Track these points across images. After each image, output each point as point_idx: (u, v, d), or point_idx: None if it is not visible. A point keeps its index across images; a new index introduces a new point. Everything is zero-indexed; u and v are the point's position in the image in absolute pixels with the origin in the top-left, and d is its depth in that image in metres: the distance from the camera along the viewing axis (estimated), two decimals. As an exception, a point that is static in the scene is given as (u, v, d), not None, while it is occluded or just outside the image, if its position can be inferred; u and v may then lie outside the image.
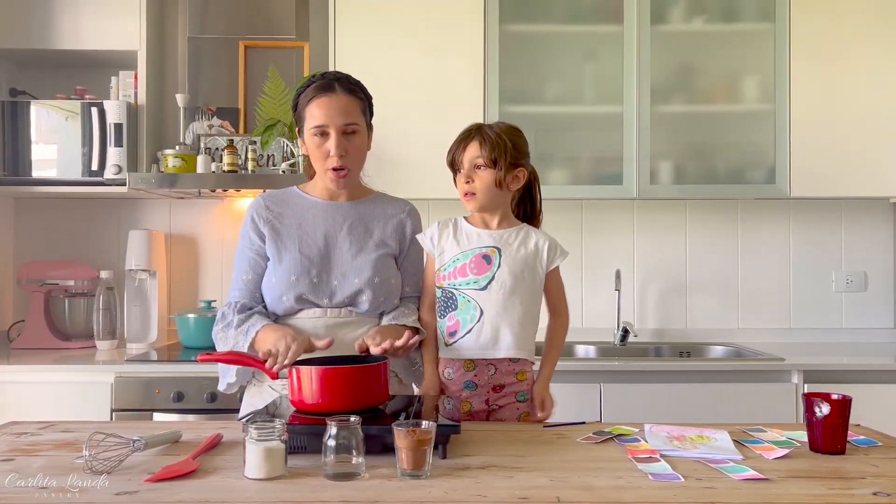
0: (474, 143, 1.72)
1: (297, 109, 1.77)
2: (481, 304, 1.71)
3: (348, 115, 1.71)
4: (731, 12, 2.86)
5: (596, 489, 1.18)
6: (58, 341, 2.88)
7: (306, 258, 1.74)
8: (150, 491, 1.16)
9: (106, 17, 2.81)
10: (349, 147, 1.73)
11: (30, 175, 2.78)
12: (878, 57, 2.79)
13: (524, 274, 1.74)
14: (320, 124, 1.70)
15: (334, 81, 1.73)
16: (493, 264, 1.72)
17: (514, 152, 1.72)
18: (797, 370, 2.51)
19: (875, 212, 3.11)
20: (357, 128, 1.73)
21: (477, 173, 1.72)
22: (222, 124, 2.88)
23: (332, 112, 1.70)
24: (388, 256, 1.80)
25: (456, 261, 1.74)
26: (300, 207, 1.80)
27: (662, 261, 3.12)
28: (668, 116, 2.84)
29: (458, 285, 1.73)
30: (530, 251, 1.75)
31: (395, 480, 1.22)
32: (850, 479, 1.24)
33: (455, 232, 1.78)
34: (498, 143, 1.71)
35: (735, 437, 1.48)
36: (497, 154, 1.70)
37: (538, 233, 1.80)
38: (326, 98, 1.70)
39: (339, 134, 1.71)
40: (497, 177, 1.71)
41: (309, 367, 1.42)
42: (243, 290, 1.77)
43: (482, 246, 1.75)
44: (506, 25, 2.82)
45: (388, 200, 1.88)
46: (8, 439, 1.48)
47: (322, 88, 1.71)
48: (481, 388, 1.73)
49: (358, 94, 1.76)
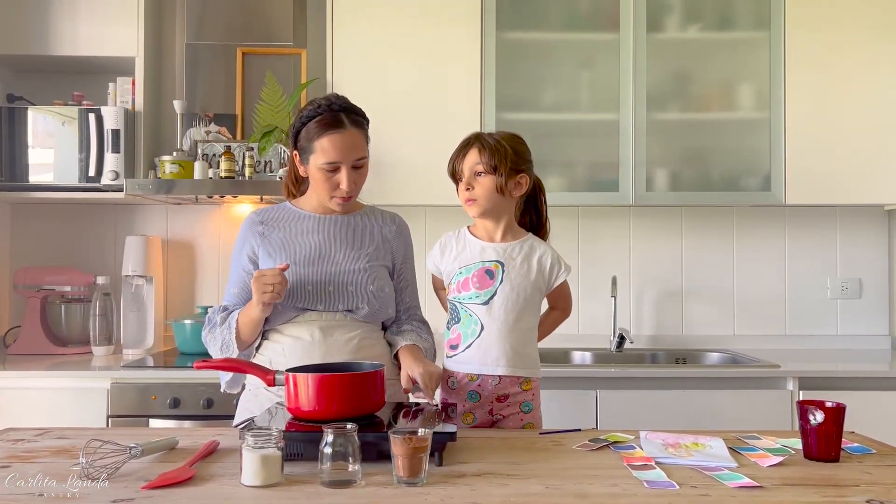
0: (473, 150, 1.73)
1: (301, 138, 1.76)
2: (482, 319, 1.72)
3: (358, 150, 1.75)
4: (726, 21, 2.88)
5: (591, 496, 1.18)
6: (54, 347, 2.88)
7: (301, 269, 1.75)
8: (147, 498, 1.17)
9: (104, 23, 2.82)
10: (357, 178, 1.77)
11: (27, 181, 2.78)
12: (872, 66, 2.81)
13: (526, 290, 1.74)
14: (332, 161, 1.72)
15: (341, 114, 1.73)
16: (495, 279, 1.73)
17: (514, 158, 1.73)
18: (792, 377, 2.52)
19: (870, 219, 3.13)
20: (364, 160, 1.77)
21: (477, 180, 1.73)
22: (220, 130, 2.88)
23: (344, 150, 1.72)
24: (381, 267, 1.83)
25: (460, 274, 1.76)
26: (294, 222, 1.83)
27: (658, 267, 3.14)
28: (663, 124, 2.85)
29: (461, 299, 1.75)
30: (533, 267, 1.75)
31: (391, 487, 1.22)
32: (844, 487, 1.24)
33: (458, 245, 1.79)
34: (497, 148, 1.71)
35: (730, 444, 1.49)
36: (497, 160, 1.71)
37: (542, 246, 1.80)
38: (339, 136, 1.72)
39: (350, 170, 1.74)
40: (498, 182, 1.71)
41: (305, 374, 1.43)
42: (232, 301, 1.82)
43: (486, 260, 1.75)
44: (503, 33, 2.83)
45: (379, 214, 1.92)
46: (4, 446, 1.48)
47: (332, 125, 1.72)
48: (485, 399, 1.73)
49: (363, 125, 1.78)
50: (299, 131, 1.76)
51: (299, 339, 1.73)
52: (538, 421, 1.79)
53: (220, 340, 1.73)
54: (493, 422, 1.75)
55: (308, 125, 1.74)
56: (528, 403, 1.75)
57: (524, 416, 1.75)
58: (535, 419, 1.78)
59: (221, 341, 1.73)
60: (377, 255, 1.83)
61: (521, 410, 1.75)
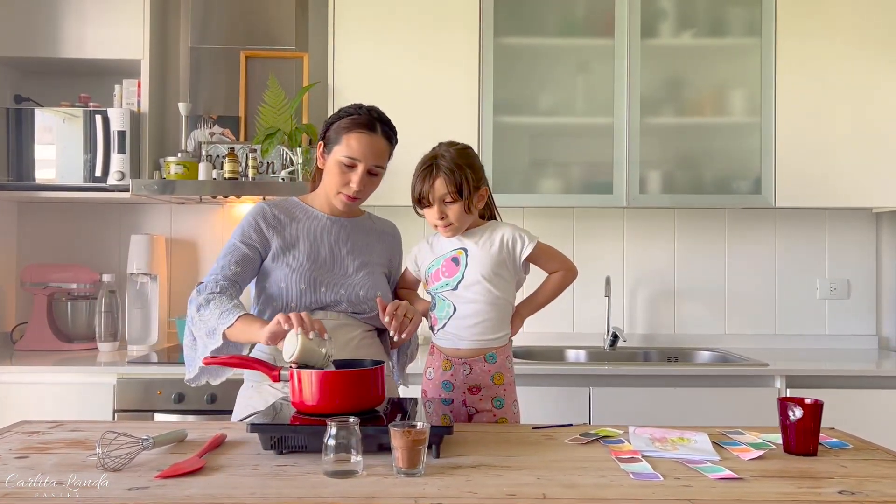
0: (439, 181, 1.82)
1: (332, 130, 1.82)
2: (454, 301, 1.85)
3: (380, 156, 1.82)
4: (718, 27, 2.95)
5: (580, 487, 1.25)
6: (60, 343, 2.94)
7: (316, 269, 1.81)
8: (160, 487, 1.23)
9: (110, 26, 2.87)
10: (368, 184, 1.83)
11: (34, 180, 2.84)
12: (862, 72, 2.87)
13: (491, 267, 1.85)
14: (354, 157, 1.78)
15: (377, 122, 1.81)
16: (460, 265, 1.86)
17: (474, 176, 1.84)
18: (780, 375, 2.59)
19: (858, 221, 3.20)
20: (381, 171, 1.85)
21: (448, 206, 1.84)
22: (223, 132, 2.95)
23: (368, 151, 1.79)
24: (381, 273, 1.92)
25: (431, 268, 1.90)
26: (306, 220, 1.88)
27: (651, 268, 3.20)
28: (657, 128, 2.92)
29: (435, 289, 1.89)
30: (495, 244, 1.87)
31: (391, 478, 1.28)
32: (819, 479, 1.31)
33: (429, 244, 1.95)
34: (460, 174, 1.81)
35: (714, 439, 1.55)
36: (462, 186, 1.81)
37: (503, 226, 1.91)
38: (368, 137, 1.79)
39: (365, 172, 1.80)
40: (466, 204, 1.84)
41: (310, 370, 1.49)
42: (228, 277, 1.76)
43: (451, 249, 1.88)
44: (500, 38, 2.89)
45: (378, 221, 2.01)
46: (21, 438, 1.54)
47: (364, 125, 1.79)
48: (458, 389, 1.84)
49: (392, 140, 1.87)
50: (332, 123, 1.83)
51: None
52: (513, 417, 1.88)
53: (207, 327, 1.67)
54: (469, 416, 1.84)
55: (343, 119, 1.81)
56: (500, 398, 1.85)
57: (496, 412, 1.85)
58: (508, 415, 1.87)
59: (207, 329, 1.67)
60: (380, 261, 1.92)
61: (494, 406, 1.85)
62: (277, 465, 1.35)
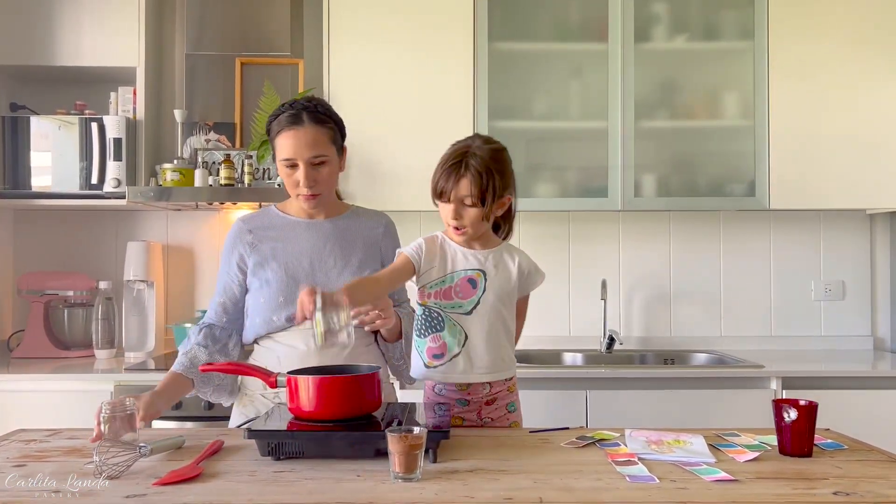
0: (465, 181, 1.70)
1: (270, 136, 1.81)
2: (466, 328, 1.76)
3: (315, 147, 1.75)
4: (711, 31, 2.96)
5: (576, 490, 1.26)
6: (57, 350, 2.94)
7: (293, 279, 1.78)
8: (158, 494, 1.23)
9: (105, 34, 2.88)
10: (318, 177, 1.77)
11: (30, 188, 2.84)
12: (854, 75, 2.88)
13: (506, 298, 1.80)
14: (288, 157, 1.75)
15: (302, 112, 1.75)
16: (478, 288, 1.76)
17: (500, 185, 1.72)
18: (776, 377, 2.60)
19: (852, 223, 3.21)
20: (325, 158, 1.76)
21: (465, 209, 1.73)
22: (219, 139, 2.95)
23: (300, 146, 1.73)
24: (370, 271, 1.83)
25: (442, 282, 1.77)
26: (282, 228, 1.85)
27: (647, 271, 3.21)
28: (651, 131, 2.93)
29: (444, 307, 1.76)
30: (513, 273, 1.80)
31: (388, 483, 1.29)
32: (814, 480, 1.32)
33: (441, 251, 1.79)
34: (488, 179, 1.69)
35: (710, 441, 1.56)
36: (486, 193, 1.70)
37: (518, 253, 1.84)
38: (294, 132, 1.74)
39: (307, 166, 1.75)
40: (484, 213, 1.73)
41: (306, 376, 1.49)
42: (218, 311, 1.88)
43: (468, 268, 1.77)
44: (495, 43, 2.90)
45: (365, 214, 1.94)
46: (18, 446, 1.55)
47: (290, 121, 1.74)
48: (474, 404, 1.80)
49: (327, 122, 1.77)
50: (268, 130, 1.81)
51: (294, 347, 1.77)
52: (521, 418, 1.87)
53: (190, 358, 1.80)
54: (482, 425, 1.81)
55: (272, 123, 1.79)
56: (513, 403, 1.84)
57: (510, 416, 1.83)
58: (518, 417, 1.86)
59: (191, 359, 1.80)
60: (367, 260, 1.85)
61: (508, 411, 1.83)
62: (275, 471, 1.36)
